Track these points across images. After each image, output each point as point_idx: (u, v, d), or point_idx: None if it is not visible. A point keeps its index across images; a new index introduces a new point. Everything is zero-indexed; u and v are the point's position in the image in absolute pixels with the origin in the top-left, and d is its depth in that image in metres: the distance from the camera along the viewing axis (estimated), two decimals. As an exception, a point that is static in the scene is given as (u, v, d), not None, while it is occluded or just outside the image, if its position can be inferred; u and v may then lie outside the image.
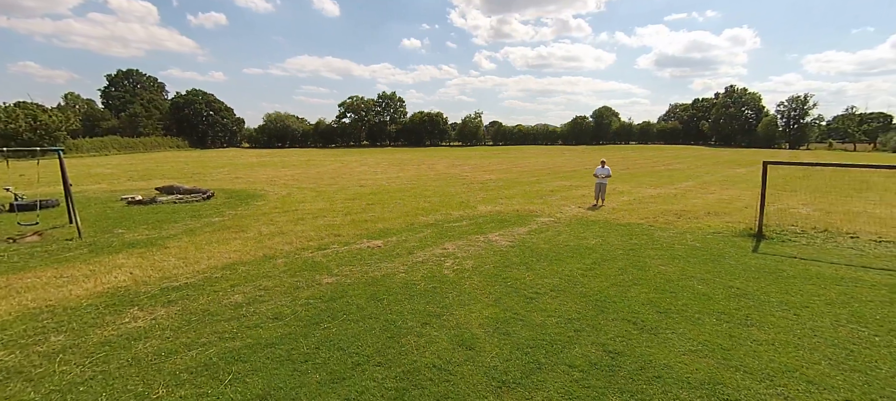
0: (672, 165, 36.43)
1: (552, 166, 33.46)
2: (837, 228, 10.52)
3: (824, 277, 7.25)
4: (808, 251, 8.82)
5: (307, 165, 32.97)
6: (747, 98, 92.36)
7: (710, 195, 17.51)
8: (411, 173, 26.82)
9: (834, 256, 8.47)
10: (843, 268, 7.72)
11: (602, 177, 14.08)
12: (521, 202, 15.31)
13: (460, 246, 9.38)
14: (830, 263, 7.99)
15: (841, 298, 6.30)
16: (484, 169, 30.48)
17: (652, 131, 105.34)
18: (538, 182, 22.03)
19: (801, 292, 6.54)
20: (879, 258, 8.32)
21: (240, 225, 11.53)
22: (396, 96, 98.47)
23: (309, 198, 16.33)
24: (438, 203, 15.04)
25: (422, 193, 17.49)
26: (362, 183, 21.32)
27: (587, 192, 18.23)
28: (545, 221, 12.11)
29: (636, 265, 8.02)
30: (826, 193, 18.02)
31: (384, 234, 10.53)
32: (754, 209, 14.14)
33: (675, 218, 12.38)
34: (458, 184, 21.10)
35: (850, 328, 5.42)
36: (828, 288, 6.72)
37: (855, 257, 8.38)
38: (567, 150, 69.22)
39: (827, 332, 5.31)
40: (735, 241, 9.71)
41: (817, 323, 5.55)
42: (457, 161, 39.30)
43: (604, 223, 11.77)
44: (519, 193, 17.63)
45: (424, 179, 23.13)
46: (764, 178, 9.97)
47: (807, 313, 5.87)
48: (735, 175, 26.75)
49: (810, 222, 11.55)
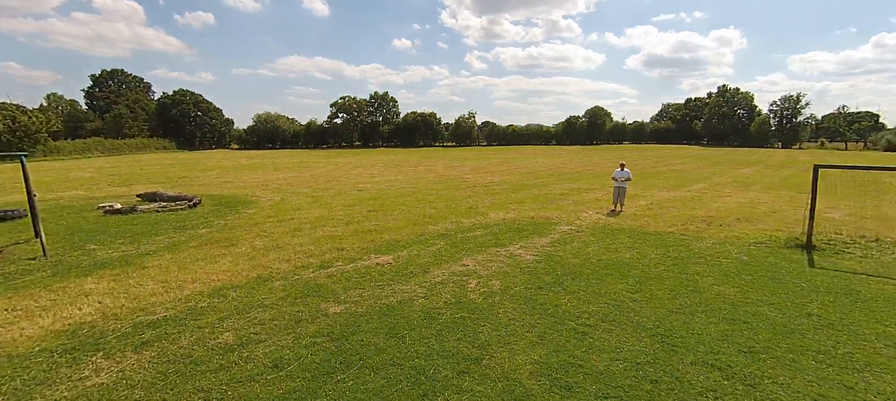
0: (673, 165, 35.78)
1: (553, 168, 32.55)
2: (886, 237, 9.65)
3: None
4: (871, 266, 7.91)
5: (300, 168, 31.66)
6: (740, 98, 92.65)
7: (727, 198, 16.66)
8: (410, 176, 25.69)
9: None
10: (922, 287, 6.80)
11: (621, 181, 13.13)
12: (534, 208, 14.29)
13: (481, 262, 8.31)
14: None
15: (945, 329, 5.36)
16: (484, 170, 29.46)
17: (645, 131, 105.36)
18: (544, 185, 21.04)
19: (893, 321, 5.58)
20: (955, 273, 7.43)
21: (230, 238, 10.33)
22: (389, 96, 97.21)
23: (305, 204, 15.15)
24: (446, 209, 13.96)
25: (425, 199, 16.39)
26: (360, 187, 20.16)
27: (600, 195, 17.29)
28: (566, 230, 11.10)
29: (687, 285, 7.02)
30: (845, 196, 17.29)
31: (393, 247, 9.42)
32: (782, 214, 13.31)
33: (706, 226, 11.44)
34: (461, 187, 20.04)
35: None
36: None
37: (928, 273, 7.49)
38: (562, 150, 68.53)
39: None
40: (784, 253, 8.78)
41: (936, 364, 4.59)
42: (454, 162, 38.24)
43: (631, 232, 10.79)
44: (528, 198, 16.62)
45: (425, 182, 22.03)
46: (814, 184, 9.05)
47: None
48: (743, 176, 26.06)
49: (850, 229, 10.68)
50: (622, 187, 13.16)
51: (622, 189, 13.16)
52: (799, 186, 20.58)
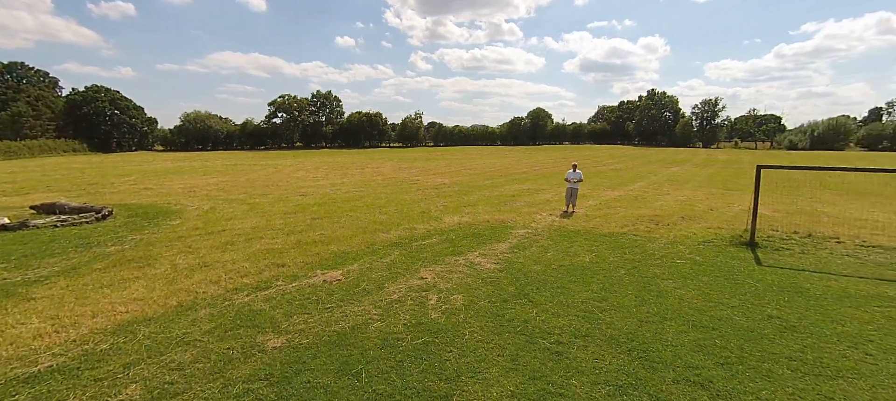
0: (612, 164, 37.46)
1: (502, 168, 32.77)
2: (816, 231, 10.34)
3: (852, 295, 6.59)
4: (810, 262, 8.30)
5: (235, 171, 29.24)
6: (666, 101, 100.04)
7: (667, 196, 17.41)
8: (357, 179, 24.53)
9: (839, 266, 8.00)
10: (861, 282, 7.16)
11: (574, 182, 13.15)
12: (488, 211, 13.94)
13: (440, 273, 7.70)
14: (843, 276, 7.44)
15: (892, 325, 5.55)
16: (434, 172, 28.93)
17: (583, 132, 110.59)
18: (495, 186, 20.90)
19: (848, 320, 5.72)
20: (882, 266, 7.96)
21: (145, 256, 8.89)
22: (332, 96, 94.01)
23: (239, 213, 13.69)
24: (397, 215, 13.20)
25: (375, 203, 15.51)
26: (303, 191, 18.78)
27: (550, 196, 17.37)
28: (523, 233, 10.81)
29: (650, 290, 6.88)
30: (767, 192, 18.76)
31: (341, 260, 8.54)
32: (719, 212, 14.01)
33: (654, 225, 11.68)
34: (411, 190, 19.32)
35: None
36: (869, 310, 6.00)
37: (860, 267, 7.96)
38: (508, 150, 69.89)
39: None
40: (731, 251, 9.04)
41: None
42: (403, 164, 37.37)
43: (586, 234, 10.71)
44: (481, 200, 16.29)
45: (373, 185, 21.06)
46: (757, 184, 9.43)
47: (875, 348, 4.99)
48: (675, 174, 27.70)
49: (782, 225, 11.38)
50: (575, 188, 13.18)
51: (574, 190, 13.18)
52: (725, 184, 22.12)
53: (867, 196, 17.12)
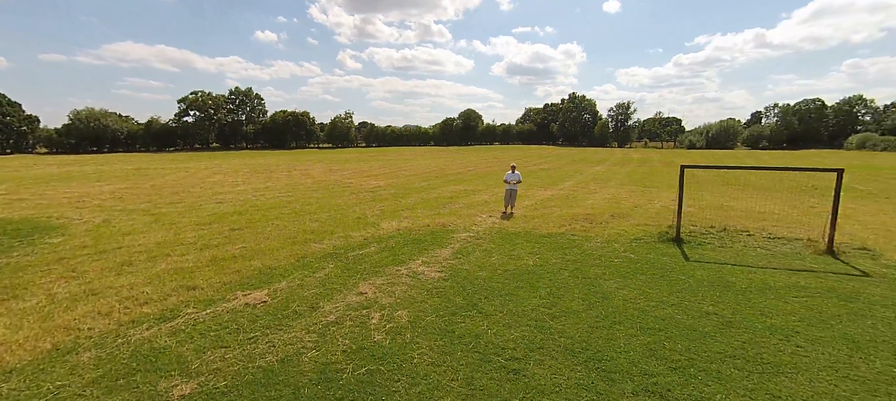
0: (541, 164, 39.00)
1: (437, 169, 32.56)
2: (729, 225, 11.25)
3: (772, 286, 7.09)
4: (730, 255, 8.93)
5: (138, 176, 25.82)
6: (586, 104, 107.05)
7: (596, 195, 18.24)
8: (284, 183, 22.80)
9: (754, 258, 8.67)
10: (777, 273, 7.76)
11: (513, 183, 13.16)
12: (427, 214, 13.49)
13: (381, 287, 7.09)
14: (760, 268, 8.05)
15: (812, 315, 5.99)
16: (367, 174, 27.89)
17: (512, 133, 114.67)
18: (432, 188, 20.54)
19: (774, 312, 6.09)
20: (789, 257, 8.76)
21: (13, 285, 7.19)
22: (253, 93, 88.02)
23: (140, 226, 11.86)
24: (331, 222, 12.26)
25: (305, 210, 14.35)
26: (220, 198, 16.93)
27: (488, 197, 17.37)
28: (465, 237, 10.51)
29: (594, 292, 6.88)
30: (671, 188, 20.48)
31: (267, 277, 7.57)
32: (643, 209, 14.86)
33: (589, 224, 12.02)
34: (344, 193, 18.29)
35: (860, 356, 4.94)
36: (789, 301, 6.46)
37: (772, 258, 8.69)
38: (442, 151, 70.17)
39: (861, 369, 4.69)
40: (661, 248, 9.47)
41: (830, 354, 4.97)
42: (334, 165, 35.68)
43: (527, 236, 10.68)
44: (419, 203, 15.80)
45: (302, 189, 19.64)
46: (681, 184, 9.98)
47: (803, 340, 5.31)
48: (598, 173, 29.40)
49: (699, 220, 12.29)
50: (513, 190, 13.19)
51: (513, 192, 13.20)
52: (642, 181, 23.84)
53: (762, 191, 19.32)
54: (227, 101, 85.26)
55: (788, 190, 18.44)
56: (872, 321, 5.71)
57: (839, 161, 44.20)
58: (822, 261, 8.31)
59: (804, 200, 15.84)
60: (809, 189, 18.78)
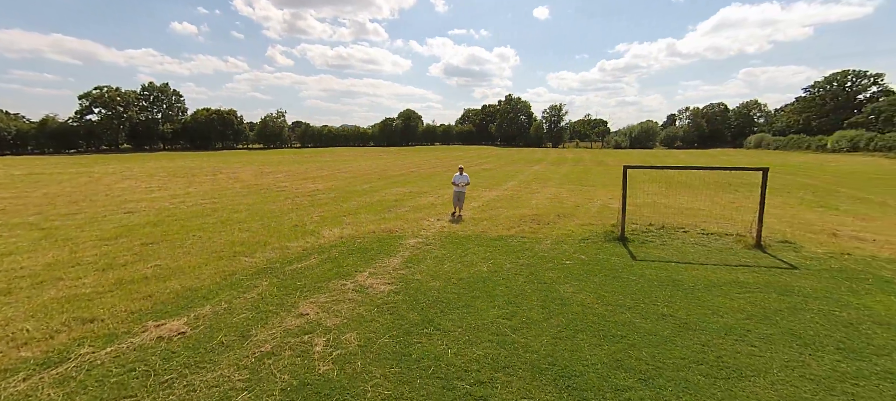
0: (483, 164, 39.42)
1: (378, 170, 31.59)
2: (667, 223, 11.77)
3: (716, 283, 7.33)
4: (672, 252, 9.23)
5: (27, 183, 22.14)
6: (521, 106, 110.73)
7: (538, 194, 18.53)
8: (207, 188, 20.69)
9: (695, 255, 9.02)
10: (718, 270, 8.05)
11: (461, 185, 12.81)
12: (372, 219, 12.74)
13: (325, 305, 6.35)
14: (701, 265, 8.35)
15: (758, 311, 6.19)
16: (304, 176, 26.26)
17: (452, 133, 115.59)
18: (375, 191, 19.70)
19: (723, 310, 6.21)
20: (724, 252, 9.21)
21: None
22: (170, 89, 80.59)
23: (25, 244, 9.92)
24: (264, 231, 11.11)
25: (233, 218, 12.95)
26: (131, 207, 14.84)
27: (434, 199, 16.93)
28: (414, 243, 9.96)
29: (552, 298, 6.67)
30: (611, 186, 21.49)
31: (186, 301, 6.50)
32: (584, 208, 15.26)
33: (537, 225, 12.01)
34: (279, 199, 16.90)
35: (810, 353, 5.11)
36: (734, 298, 6.67)
37: (709, 254, 9.09)
38: (382, 152, 68.81)
39: (813, 367, 4.82)
40: (608, 247, 9.60)
41: (783, 353, 5.09)
42: (266, 168, 33.30)
43: (478, 239, 10.38)
44: (363, 207, 14.96)
45: (230, 195, 17.88)
46: (624, 183, 10.22)
47: (756, 338, 5.43)
48: (538, 173, 30.20)
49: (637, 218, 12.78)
50: (462, 192, 12.85)
51: (462, 194, 12.86)
52: (580, 181, 24.78)
53: (687, 188, 20.80)
54: (138, 97, 77.13)
55: (709, 187, 20.01)
56: (810, 315, 6.03)
57: (743, 159, 49.49)
58: (752, 255, 8.86)
59: (724, 196, 17.23)
60: (725, 185, 20.53)
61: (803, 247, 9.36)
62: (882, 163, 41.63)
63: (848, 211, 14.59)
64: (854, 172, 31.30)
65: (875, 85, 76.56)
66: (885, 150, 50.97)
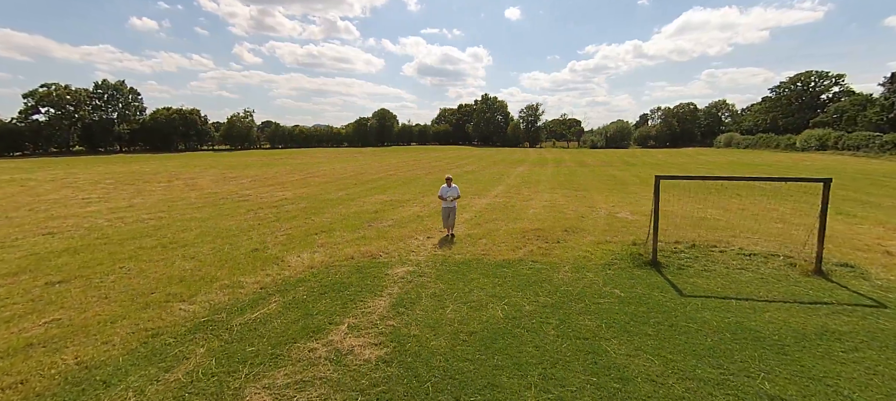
0: (465, 166, 37.69)
1: (354, 174, 29.31)
2: (693, 238, 10.25)
3: (805, 335, 5.70)
4: (719, 282, 7.61)
5: (-66, 195, 18.83)
6: (498, 105, 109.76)
7: (532, 201, 16.89)
8: (158, 197, 18.05)
9: (749, 287, 7.38)
10: (794, 310, 6.43)
11: (451, 200, 10.82)
12: (349, 239, 10.70)
13: (285, 393, 4.36)
14: (769, 302, 6.69)
15: (889, 385, 4.60)
16: (271, 182, 23.78)
17: (429, 133, 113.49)
18: (351, 199, 17.58)
19: (843, 385, 4.57)
20: (782, 283, 7.53)
21: None
22: (126, 87, 75.37)
23: None
24: (214, 258, 8.92)
25: (178, 239, 10.65)
26: (54, 226, 12.25)
27: (419, 209, 15.00)
28: (403, 274, 8.03)
29: (603, 367, 4.89)
30: (599, 191, 20.13)
31: (78, 390, 4.38)
32: (592, 220, 13.63)
33: (544, 243, 10.29)
34: (239, 211, 14.58)
35: None
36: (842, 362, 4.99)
37: (767, 286, 7.45)
38: (357, 153, 66.16)
39: None
40: (642, 276, 7.93)
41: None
42: (230, 172, 30.46)
43: (479, 265, 8.54)
44: (338, 222, 12.87)
45: (182, 207, 15.41)
46: (656, 198, 8.51)
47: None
48: (524, 176, 28.66)
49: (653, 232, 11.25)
50: (452, 208, 10.92)
51: (452, 209, 10.93)
52: (571, 184, 23.34)
53: (688, 193, 19.60)
54: (91, 96, 71.67)
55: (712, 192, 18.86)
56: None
57: (720, 158, 48.97)
58: (818, 285, 7.34)
59: (731, 201, 16.02)
60: (729, 189, 19.41)
61: (869, 272, 7.94)
62: (850, 161, 42.39)
63: (866, 217, 13.56)
64: (831, 170, 31.25)
65: (837, 85, 79.44)
66: (853, 148, 52.36)
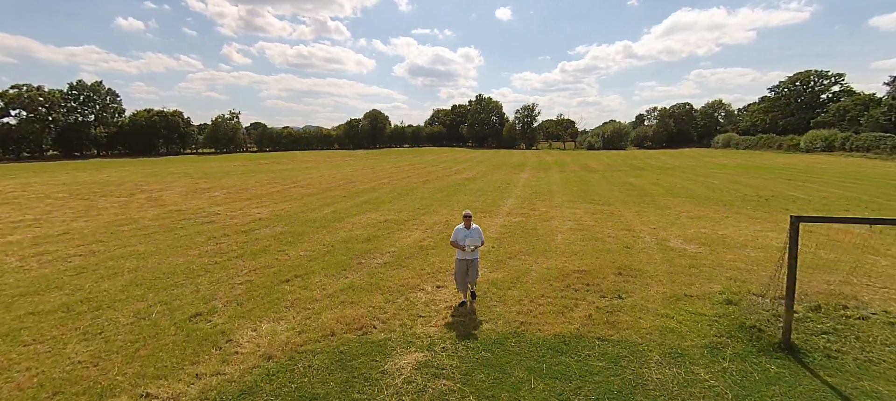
0: (463, 172, 34.96)
1: (343, 182, 26.37)
2: (816, 293, 7.57)
3: None
4: (895, 379, 4.95)
5: None
6: (492, 106, 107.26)
7: (553, 222, 14.17)
8: (106, 219, 15.03)
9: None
10: None
11: (471, 249, 7.07)
12: (330, 291, 7.86)
13: None
14: None
15: None
16: (249, 194, 20.79)
17: (422, 134, 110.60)
18: (339, 219, 14.71)
19: None
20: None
21: None
22: (104, 88, 71.49)
23: None
24: (125, 338, 6.04)
25: (94, 294, 7.72)
26: (-60, 270, 9.24)
27: (422, 234, 12.21)
28: (409, 372, 5.22)
29: None
30: (626, 204, 17.51)
31: None
32: (645, 252, 10.95)
33: (601, 298, 7.56)
34: (197, 240, 11.66)
35: None
36: None
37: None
38: (348, 156, 63.14)
39: None
40: (782, 376, 5.22)
41: None
42: (205, 181, 27.35)
43: (524, 351, 5.77)
44: (319, 256, 10.02)
45: (126, 235, 12.44)
46: (793, 246, 5.67)
47: None
48: (530, 184, 25.97)
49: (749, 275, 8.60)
50: (473, 260, 7.15)
51: (473, 263, 7.15)
52: (587, 195, 20.67)
53: (720, 204, 17.04)
54: (66, 97, 67.76)
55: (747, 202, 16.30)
56: None
57: (724, 159, 45.79)
58: None
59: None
60: (751, 198, 16.86)
61: None
62: (865, 164, 40.47)
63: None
64: (850, 174, 29.02)
65: (836, 85, 78.13)
66: (863, 150, 50.50)
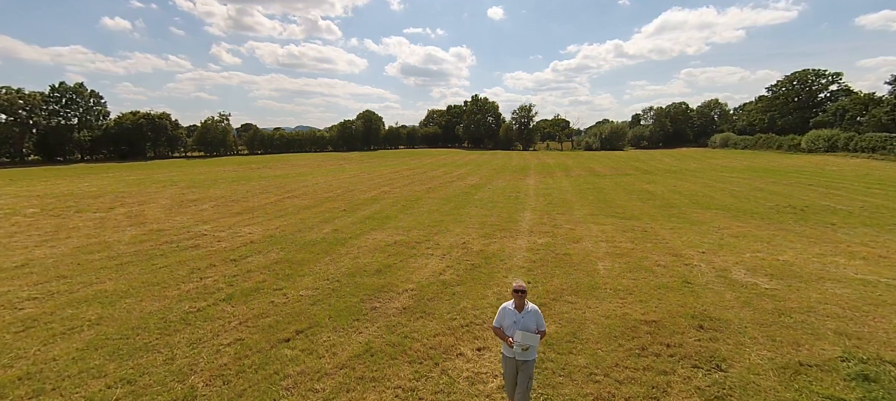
0: (465, 177, 33.33)
1: (342, 191, 24.61)
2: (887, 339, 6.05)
3: None
4: None
5: None
6: (489, 106, 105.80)
7: (584, 242, 12.62)
8: (76, 243, 13.16)
9: None
10: None
11: (523, 347, 4.49)
12: (343, 364, 6.17)
13: None
14: None
15: None
16: (239, 208, 18.96)
17: (417, 135, 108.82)
18: (341, 242, 13.00)
19: None
20: None
21: None
22: (87, 89, 68.77)
23: None
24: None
25: (35, 367, 5.99)
26: None
27: (438, 262, 10.54)
28: None
29: None
30: (653, 218, 16.03)
31: None
32: (712, 291, 9.41)
33: (689, 366, 5.99)
34: (178, 273, 9.90)
35: None
36: None
37: None
38: (343, 159, 61.17)
39: None
40: None
41: None
42: (192, 190, 25.41)
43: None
44: (323, 298, 8.32)
45: (96, 267, 10.63)
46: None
47: None
48: (541, 191, 24.41)
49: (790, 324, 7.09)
50: (528, 363, 4.68)
51: (527, 366, 4.68)
52: (610, 207, 19.16)
53: (754, 216, 15.60)
54: (46, 100, 64.98)
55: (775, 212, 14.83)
56: None
57: (724, 160, 44.42)
58: None
59: (826, 233, 11.92)
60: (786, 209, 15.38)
61: None
62: (876, 165, 39.45)
63: None
64: (862, 176, 27.83)
65: (834, 84, 77.75)
66: (868, 150, 49.68)
